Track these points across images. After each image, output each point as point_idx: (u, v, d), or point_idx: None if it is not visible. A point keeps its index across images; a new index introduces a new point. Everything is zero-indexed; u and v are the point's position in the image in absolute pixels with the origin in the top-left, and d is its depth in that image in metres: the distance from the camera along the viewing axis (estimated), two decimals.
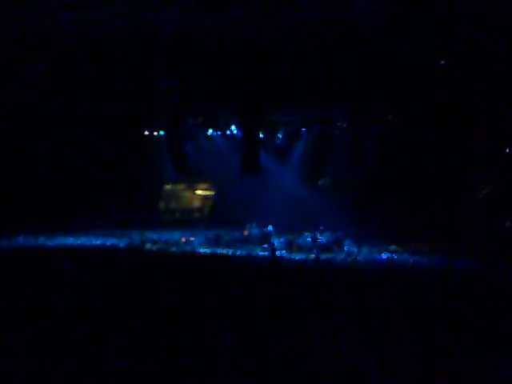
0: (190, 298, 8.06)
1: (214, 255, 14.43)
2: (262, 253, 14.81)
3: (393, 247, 15.03)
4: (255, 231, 16.84)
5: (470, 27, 13.14)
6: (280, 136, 20.89)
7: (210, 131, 20.79)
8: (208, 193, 22.04)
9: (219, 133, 20.82)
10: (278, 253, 14.49)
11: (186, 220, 21.57)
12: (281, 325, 6.68)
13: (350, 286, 8.92)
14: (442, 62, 15.11)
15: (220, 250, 15.11)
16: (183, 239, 16.61)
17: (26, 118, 17.49)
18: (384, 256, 13.95)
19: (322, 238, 15.61)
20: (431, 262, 12.62)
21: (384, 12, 12.79)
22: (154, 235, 17.16)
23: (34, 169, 18.12)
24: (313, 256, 13.95)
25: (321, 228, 16.12)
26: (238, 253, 14.72)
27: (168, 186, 22.33)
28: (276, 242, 15.78)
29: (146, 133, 21.09)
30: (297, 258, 13.76)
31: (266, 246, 15.44)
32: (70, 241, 16.76)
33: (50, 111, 17.56)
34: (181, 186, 22.45)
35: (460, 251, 13.08)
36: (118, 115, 18.49)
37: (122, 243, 15.89)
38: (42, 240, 16.55)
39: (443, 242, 14.51)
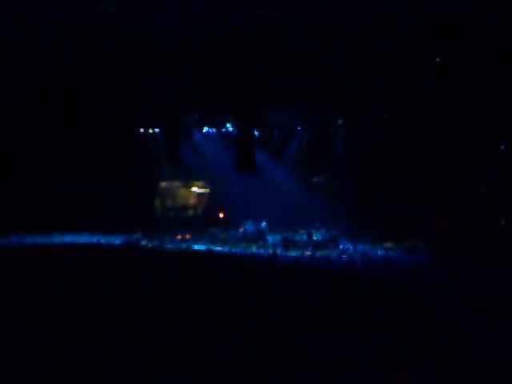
0: (185, 295, 8.08)
1: (209, 252, 14.43)
2: (257, 250, 14.83)
3: (388, 244, 15.08)
4: (250, 229, 16.86)
5: (469, 27, 13.20)
6: (275, 134, 20.91)
7: (205, 129, 20.80)
8: (203, 190, 22.03)
9: (214, 130, 20.83)
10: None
11: (182, 217, 21.55)
12: (277, 321, 6.72)
13: (345, 284, 8.96)
14: (438, 60, 15.16)
15: (215, 248, 15.11)
16: (179, 237, 16.60)
17: (22, 116, 17.43)
18: (379, 253, 14.00)
19: (317, 236, 15.64)
20: (425, 258, 12.68)
21: (380, 11, 12.83)
22: (150, 233, 17.13)
23: (29, 166, 18.06)
24: (308, 253, 13.99)
25: (316, 225, 16.14)
26: (233, 250, 14.73)
27: (163, 184, 22.29)
28: (271, 239, 15.79)
29: (141, 130, 21.06)
30: (292, 255, 13.78)
31: (262, 243, 15.46)
32: (67, 239, 16.68)
33: (46, 109, 17.51)
34: (176, 184, 22.42)
35: (455, 248, 13.14)
36: (114, 113, 18.46)
37: (117, 240, 15.89)
38: (38, 239, 16.45)
39: (438, 239, 14.56)
